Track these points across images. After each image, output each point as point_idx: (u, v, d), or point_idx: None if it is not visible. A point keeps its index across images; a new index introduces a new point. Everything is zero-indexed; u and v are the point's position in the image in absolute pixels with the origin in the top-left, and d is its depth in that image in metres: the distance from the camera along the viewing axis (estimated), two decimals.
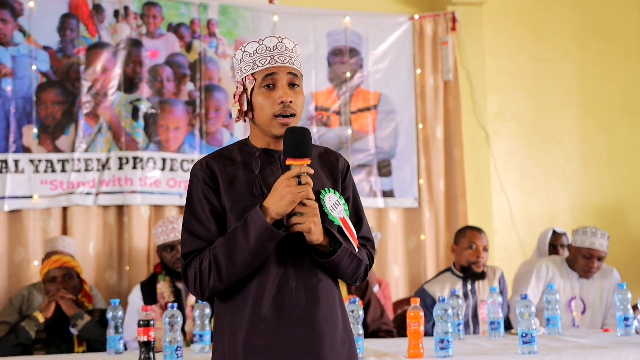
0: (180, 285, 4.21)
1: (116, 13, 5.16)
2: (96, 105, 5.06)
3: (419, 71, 5.80)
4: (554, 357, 3.32)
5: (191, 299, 4.13)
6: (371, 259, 2.24)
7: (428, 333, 3.74)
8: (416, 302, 3.40)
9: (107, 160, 5.05)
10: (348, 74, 5.65)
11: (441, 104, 5.84)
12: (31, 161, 4.91)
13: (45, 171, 4.94)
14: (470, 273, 4.41)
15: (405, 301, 5.18)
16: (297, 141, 2.06)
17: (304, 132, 2.08)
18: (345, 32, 5.67)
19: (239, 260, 2.04)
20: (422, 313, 3.35)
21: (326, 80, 5.61)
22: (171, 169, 5.18)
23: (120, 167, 5.07)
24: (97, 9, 5.11)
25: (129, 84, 5.16)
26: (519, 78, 6.29)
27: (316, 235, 2.06)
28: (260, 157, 2.18)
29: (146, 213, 5.13)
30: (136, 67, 5.18)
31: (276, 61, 2.13)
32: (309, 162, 2.06)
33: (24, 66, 4.95)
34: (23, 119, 4.93)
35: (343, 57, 5.65)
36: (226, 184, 2.14)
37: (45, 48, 5.00)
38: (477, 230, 4.54)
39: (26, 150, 4.92)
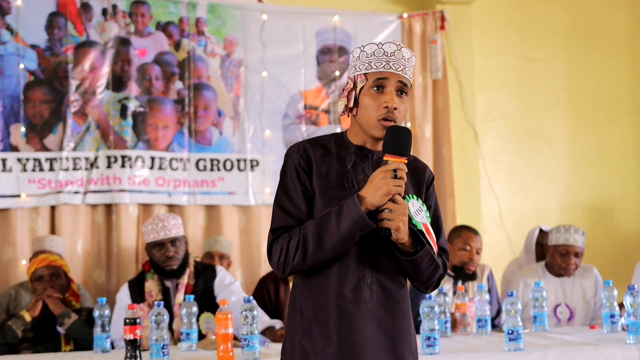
0: (168, 283, 4.20)
1: (104, 11, 5.15)
2: (84, 104, 5.05)
3: None
4: (540, 354, 3.33)
5: (179, 297, 4.12)
6: (445, 268, 2.30)
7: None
8: None
9: (96, 159, 5.05)
10: (337, 73, 5.65)
11: (430, 102, 5.84)
12: (19, 160, 4.91)
13: (33, 170, 4.93)
14: (463, 274, 4.43)
15: None
16: (399, 139, 2.13)
17: (406, 132, 2.15)
18: (334, 31, 5.67)
19: (327, 244, 2.11)
20: None
21: (315, 79, 5.61)
22: (160, 168, 5.18)
23: (109, 166, 5.06)
24: (85, 7, 5.10)
25: (118, 82, 5.15)
26: (508, 77, 6.31)
27: (403, 234, 2.12)
28: (354, 153, 2.25)
29: (135, 212, 5.13)
30: (125, 66, 5.17)
31: (390, 67, 2.19)
32: (406, 161, 2.13)
33: (11, 64, 4.94)
34: (11, 118, 4.92)
35: (332, 56, 5.65)
36: (319, 172, 2.22)
37: (33, 46, 5.00)
38: (473, 231, 4.55)
39: (14, 149, 4.91)
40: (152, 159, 5.17)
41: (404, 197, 2.15)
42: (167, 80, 5.27)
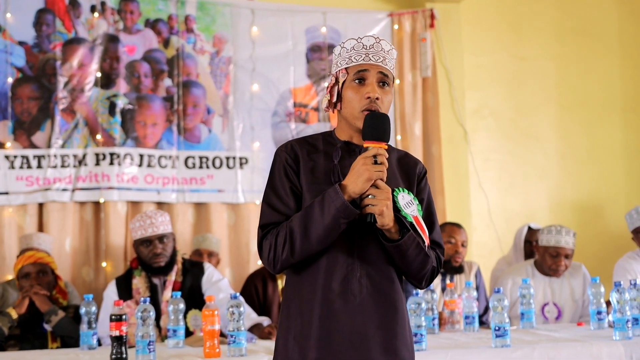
0: (156, 280, 4.19)
1: (93, 8, 5.13)
2: (73, 101, 5.04)
3: (397, 68, 5.80)
4: (527, 350, 3.33)
5: (167, 294, 4.11)
6: (439, 263, 2.29)
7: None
8: None
9: (84, 156, 5.03)
10: (326, 71, 5.64)
11: (420, 100, 5.84)
12: (6, 157, 4.89)
13: (21, 167, 4.91)
14: (449, 267, 4.45)
15: None
16: (376, 125, 2.15)
17: (384, 118, 2.18)
18: (324, 29, 5.66)
19: (313, 235, 2.12)
20: None
21: (304, 76, 5.61)
22: (149, 165, 5.16)
23: (97, 163, 5.05)
24: (74, 4, 5.09)
25: (106, 79, 5.14)
26: (498, 75, 6.31)
27: (387, 219, 2.12)
28: (341, 148, 2.26)
29: (123, 209, 5.11)
30: (113, 63, 5.16)
31: (370, 59, 2.21)
32: (386, 146, 2.15)
33: None
34: None
35: (321, 54, 5.65)
36: (306, 169, 2.24)
37: (21, 43, 4.98)
38: (457, 225, 4.58)
39: (1, 146, 4.90)
40: (141, 156, 5.15)
41: (392, 190, 2.15)
42: (156, 78, 5.25)
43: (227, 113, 5.39)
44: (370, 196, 2.10)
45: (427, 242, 2.21)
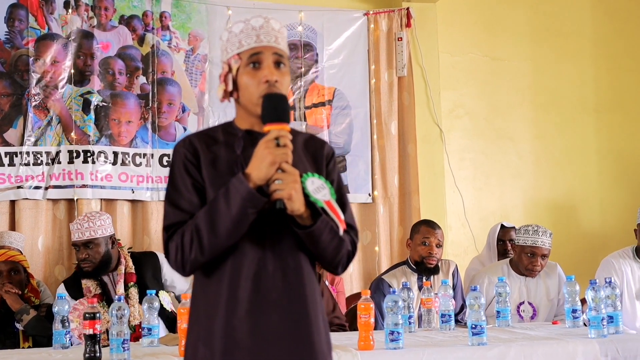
0: (106, 279, 4.19)
1: (66, 4, 5.07)
2: (46, 98, 4.98)
3: (373, 67, 5.81)
4: (503, 348, 3.34)
5: (120, 288, 4.12)
6: (354, 246, 2.18)
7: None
8: (367, 293, 3.39)
9: (57, 153, 4.97)
10: (302, 69, 5.63)
11: (396, 100, 5.84)
12: None
13: None
14: (423, 268, 4.46)
15: (359, 295, 5.17)
16: (275, 106, 2.03)
17: (282, 98, 2.06)
18: (300, 27, 5.65)
19: (221, 229, 2.00)
20: (372, 305, 3.35)
21: None
22: (123, 163, 5.11)
23: (71, 161, 4.99)
24: None
25: (80, 76, 5.08)
26: (473, 75, 6.33)
27: (297, 203, 2.00)
28: (243, 138, 2.15)
29: (97, 208, 5.05)
30: (87, 60, 5.10)
31: (262, 40, 2.10)
32: (287, 127, 2.03)
33: None
34: None
35: (298, 52, 5.63)
36: (207, 162, 2.11)
37: None
38: (431, 226, 4.56)
39: None
40: (115, 154, 5.10)
41: (300, 176, 2.04)
42: (131, 75, 5.20)
43: (202, 111, 5.36)
44: (277, 181, 2.00)
45: (342, 226, 2.09)
